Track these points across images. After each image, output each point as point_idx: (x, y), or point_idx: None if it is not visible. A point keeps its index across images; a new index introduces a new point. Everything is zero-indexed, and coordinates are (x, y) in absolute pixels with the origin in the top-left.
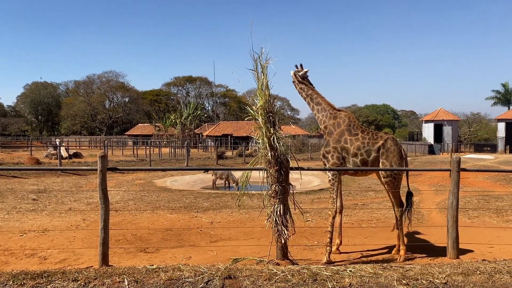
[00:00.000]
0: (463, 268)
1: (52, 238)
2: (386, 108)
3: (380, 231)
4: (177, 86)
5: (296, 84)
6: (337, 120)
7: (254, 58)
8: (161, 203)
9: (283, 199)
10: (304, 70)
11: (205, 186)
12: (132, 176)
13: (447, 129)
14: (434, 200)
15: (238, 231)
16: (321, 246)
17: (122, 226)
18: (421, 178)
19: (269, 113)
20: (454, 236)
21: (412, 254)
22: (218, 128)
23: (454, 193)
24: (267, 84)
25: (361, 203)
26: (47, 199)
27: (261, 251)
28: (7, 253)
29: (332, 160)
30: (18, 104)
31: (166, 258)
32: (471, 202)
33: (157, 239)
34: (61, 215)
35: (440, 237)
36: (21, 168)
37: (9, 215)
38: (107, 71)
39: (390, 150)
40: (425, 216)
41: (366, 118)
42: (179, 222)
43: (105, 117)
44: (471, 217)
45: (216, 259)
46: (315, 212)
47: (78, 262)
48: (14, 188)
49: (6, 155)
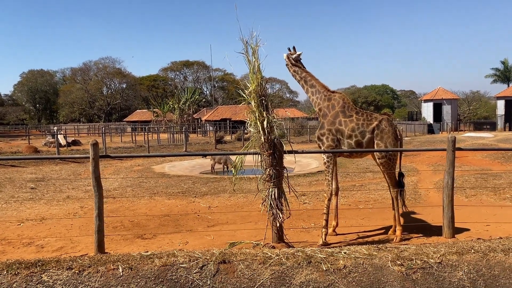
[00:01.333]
0: (457, 247)
1: (50, 226)
2: (385, 88)
3: (377, 212)
4: (174, 71)
5: (290, 67)
6: (332, 102)
7: (244, 41)
8: (159, 189)
9: (277, 183)
10: (297, 53)
11: (204, 171)
12: (131, 162)
13: (446, 108)
14: (432, 180)
15: (235, 215)
16: (318, 228)
17: (120, 213)
18: (419, 158)
19: (262, 97)
20: (450, 215)
21: (408, 234)
22: (217, 112)
23: (450, 172)
24: (258, 67)
25: (359, 184)
26: (45, 188)
27: (258, 234)
28: (4, 243)
29: (327, 142)
30: (15, 93)
31: (163, 244)
32: (469, 181)
33: (155, 225)
34: (59, 203)
35: (437, 216)
36: (15, 157)
37: (7, 204)
38: (103, 57)
39: (384, 131)
40: (422, 196)
41: (365, 99)
42: (176, 207)
43: (103, 104)
44: (468, 195)
45: (213, 243)
46: (312, 194)
47: (75, 250)
48: (12, 177)
49: (5, 144)
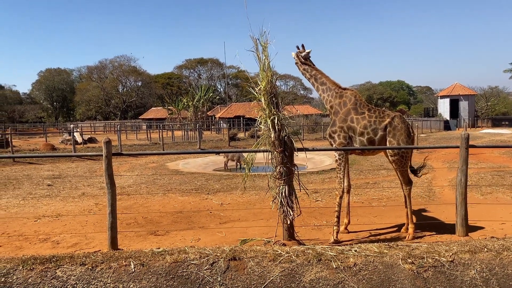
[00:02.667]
0: (470, 245)
1: (65, 223)
2: (401, 84)
3: (390, 209)
4: (188, 68)
5: (299, 65)
6: (343, 99)
7: (254, 39)
8: (173, 186)
9: (288, 181)
10: (306, 51)
11: (217, 168)
12: (145, 159)
13: (463, 104)
14: (447, 177)
15: (247, 212)
16: (330, 226)
17: (134, 209)
18: (435, 155)
19: (272, 95)
20: (463, 213)
21: (421, 232)
22: (230, 109)
23: (463, 170)
24: (268, 65)
25: (373, 182)
26: (61, 185)
27: (269, 231)
28: (22, 238)
29: (339, 139)
30: (33, 91)
31: (176, 240)
32: (485, 178)
33: (168, 221)
34: (75, 200)
35: (451, 214)
36: (33, 155)
37: (24, 201)
38: (119, 56)
39: (397, 128)
40: (436, 193)
41: (380, 95)
42: (189, 204)
43: (119, 101)
44: (484, 193)
45: (224, 240)
46: (325, 192)
47: (89, 246)
48: (30, 174)
49: (23, 142)
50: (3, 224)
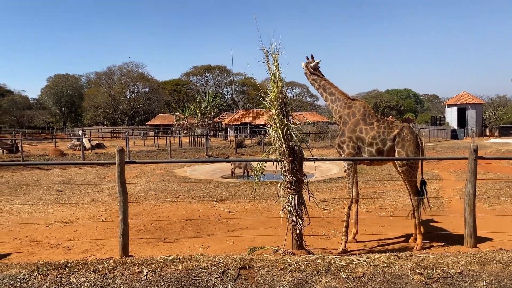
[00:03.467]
0: (479, 257)
1: (76, 229)
2: (408, 92)
3: (398, 219)
4: (196, 75)
5: (308, 75)
6: (352, 109)
7: (264, 50)
8: (181, 193)
9: (297, 190)
10: (315, 61)
11: (224, 175)
12: (153, 166)
13: (471, 113)
14: (455, 187)
15: (255, 221)
16: (338, 235)
17: (143, 216)
18: (442, 164)
19: (282, 105)
20: (472, 224)
21: (429, 243)
22: (237, 116)
23: (471, 181)
24: (279, 75)
25: (380, 191)
26: (71, 190)
27: (278, 240)
28: (34, 244)
29: (348, 150)
30: (42, 97)
31: (185, 248)
32: (493, 189)
33: (177, 229)
34: (84, 206)
35: (459, 225)
36: (45, 163)
37: (35, 206)
38: (127, 62)
39: (405, 139)
40: (444, 203)
41: (387, 103)
42: (198, 211)
43: (127, 107)
44: (492, 204)
45: (233, 248)
46: (332, 201)
47: (100, 252)
48: (40, 180)
49: (32, 147)
50: (15, 229)
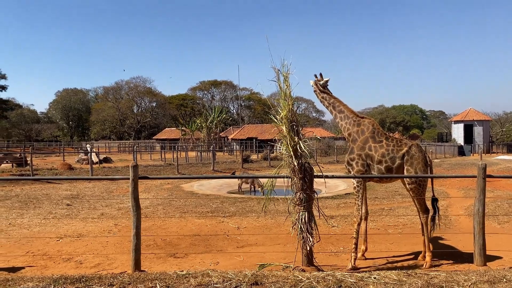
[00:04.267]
0: (489, 275)
1: (87, 243)
2: (414, 108)
3: (407, 236)
4: (202, 90)
5: (318, 93)
6: (361, 127)
7: (275, 69)
8: (189, 208)
9: (307, 207)
10: (324, 80)
11: (231, 190)
12: (161, 181)
13: (478, 129)
14: (463, 205)
15: (264, 237)
16: (347, 252)
17: (152, 231)
18: (449, 181)
19: (292, 122)
20: (481, 243)
21: (438, 261)
22: (243, 131)
23: (480, 199)
24: (289, 94)
25: (388, 208)
26: (80, 204)
27: (287, 257)
28: (46, 258)
29: (357, 167)
30: (50, 111)
31: (195, 263)
32: (502, 207)
33: (186, 244)
34: (94, 220)
35: (468, 243)
36: (57, 177)
37: (45, 220)
38: (134, 77)
39: (414, 157)
40: (453, 221)
41: (393, 119)
42: (206, 227)
43: (133, 122)
44: (501, 222)
45: (243, 264)
46: (341, 218)
47: (112, 266)
48: (49, 194)
49: (40, 161)
50: (27, 243)
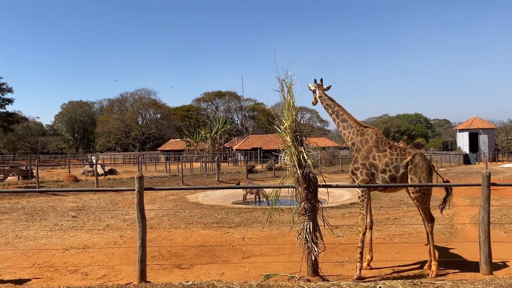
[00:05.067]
0: (495, 284)
1: (92, 254)
2: (418, 117)
3: (412, 246)
4: (206, 101)
5: (323, 99)
6: (365, 136)
7: (280, 80)
8: (194, 219)
9: (312, 216)
10: (326, 86)
11: (236, 201)
12: (166, 192)
13: (483, 137)
14: (469, 213)
15: (269, 247)
16: (352, 262)
17: (158, 242)
18: (455, 190)
19: (296, 133)
20: (487, 251)
21: (444, 270)
22: (248, 141)
23: (485, 208)
24: (293, 104)
25: (393, 217)
26: (85, 216)
27: (292, 267)
28: (52, 269)
29: (361, 176)
30: (55, 123)
31: (200, 274)
32: (508, 215)
33: (191, 255)
34: (100, 232)
35: (474, 252)
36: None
37: (51, 232)
38: (139, 89)
39: (418, 165)
40: (458, 230)
41: (398, 128)
42: (211, 238)
43: (138, 133)
44: (507, 231)
45: (248, 275)
46: (346, 227)
47: (118, 278)
48: (55, 206)
49: (46, 173)
50: (34, 255)
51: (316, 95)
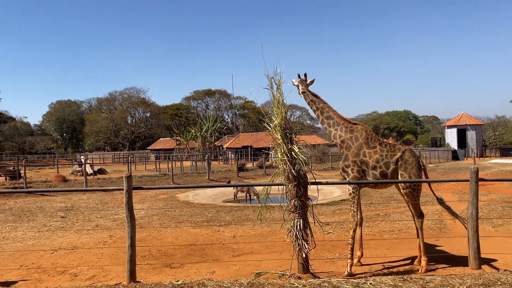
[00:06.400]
0: (484, 279)
1: (81, 255)
2: (407, 114)
3: (402, 242)
4: (196, 99)
5: (307, 95)
6: (355, 134)
7: (269, 77)
8: (184, 218)
9: (302, 214)
10: (309, 80)
11: (227, 199)
12: (156, 191)
13: (471, 133)
14: (458, 209)
15: (260, 245)
16: (343, 259)
17: (148, 241)
18: (444, 186)
19: (286, 130)
20: (475, 246)
21: (434, 265)
22: (238, 140)
23: (473, 203)
24: (282, 101)
25: (383, 213)
26: (74, 216)
27: (283, 264)
28: (40, 271)
29: (352, 173)
30: (44, 123)
31: (191, 273)
32: (496, 210)
33: (182, 254)
34: (89, 232)
35: (463, 247)
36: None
37: (39, 233)
38: (128, 88)
39: (408, 162)
40: (447, 225)
41: (387, 125)
42: (202, 236)
43: (128, 132)
44: (495, 225)
45: (239, 273)
46: (336, 224)
47: (107, 278)
48: (43, 206)
49: (34, 173)
50: (21, 257)
51: (299, 90)
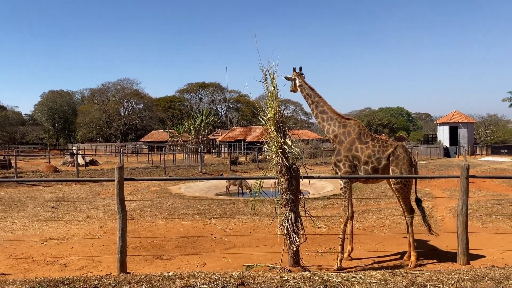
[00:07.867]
0: (472, 274)
1: (72, 245)
2: (400, 110)
3: (392, 237)
4: (190, 92)
5: (304, 88)
6: (347, 129)
7: (263, 70)
8: (176, 210)
9: (294, 207)
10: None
11: (219, 192)
12: (148, 183)
13: (463, 131)
14: (448, 205)
15: (251, 238)
16: (333, 253)
17: (139, 233)
18: (435, 182)
19: (280, 124)
20: (464, 242)
21: (423, 260)
22: (231, 133)
23: (463, 200)
24: (276, 95)
25: (374, 209)
26: (65, 207)
27: (274, 257)
28: (30, 261)
29: (344, 168)
30: (35, 113)
31: (182, 265)
32: (485, 207)
33: (173, 246)
34: (80, 223)
35: (452, 243)
36: (43, 179)
37: (30, 223)
38: (121, 79)
39: (399, 157)
40: (438, 221)
41: (380, 122)
42: (193, 229)
43: (120, 124)
44: (484, 222)
45: (230, 266)
46: (327, 219)
47: (97, 269)
48: (33, 196)
49: (25, 163)
50: (11, 246)
51: (296, 83)
